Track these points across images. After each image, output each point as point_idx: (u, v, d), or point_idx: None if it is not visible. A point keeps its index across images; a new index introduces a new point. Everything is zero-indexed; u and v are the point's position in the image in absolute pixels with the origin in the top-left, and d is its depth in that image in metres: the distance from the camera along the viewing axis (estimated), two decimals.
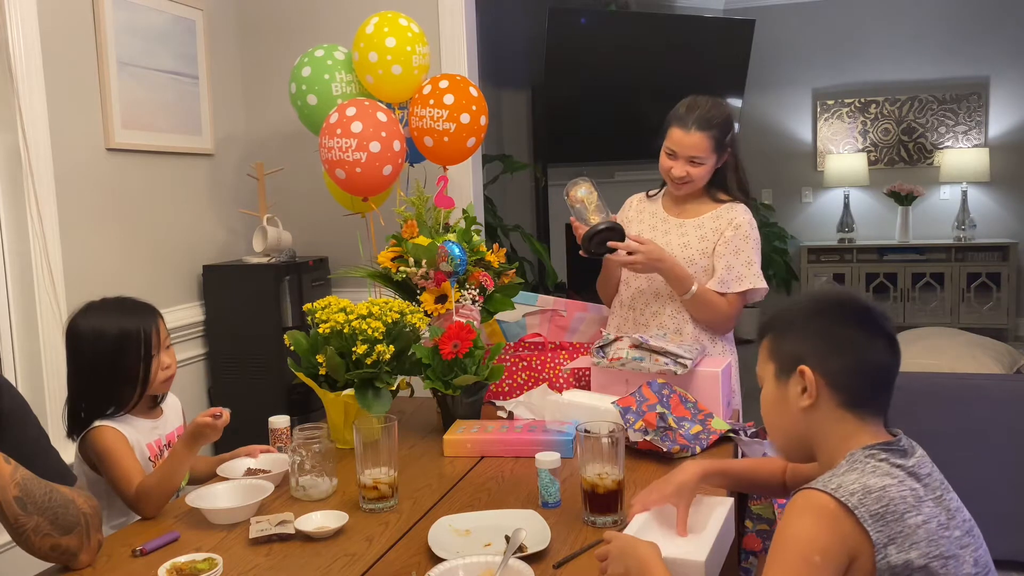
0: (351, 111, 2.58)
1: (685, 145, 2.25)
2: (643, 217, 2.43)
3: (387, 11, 2.81)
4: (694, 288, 2.25)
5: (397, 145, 2.62)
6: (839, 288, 1.59)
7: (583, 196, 2.25)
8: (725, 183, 2.37)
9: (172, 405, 2.02)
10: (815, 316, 1.30)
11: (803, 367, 1.26)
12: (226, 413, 1.76)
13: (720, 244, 2.31)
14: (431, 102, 2.70)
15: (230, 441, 2.10)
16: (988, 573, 1.20)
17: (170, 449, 1.93)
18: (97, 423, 1.80)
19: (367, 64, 2.74)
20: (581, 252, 2.27)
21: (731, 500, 1.55)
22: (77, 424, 1.83)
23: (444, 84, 2.71)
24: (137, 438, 1.85)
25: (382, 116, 2.60)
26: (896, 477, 1.17)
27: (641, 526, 1.44)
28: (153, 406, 1.94)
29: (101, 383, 1.82)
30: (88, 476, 1.83)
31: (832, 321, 1.28)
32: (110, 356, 1.80)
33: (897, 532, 1.12)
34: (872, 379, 1.28)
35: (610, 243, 2.19)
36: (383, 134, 2.58)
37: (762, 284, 2.31)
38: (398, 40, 2.72)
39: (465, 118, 2.69)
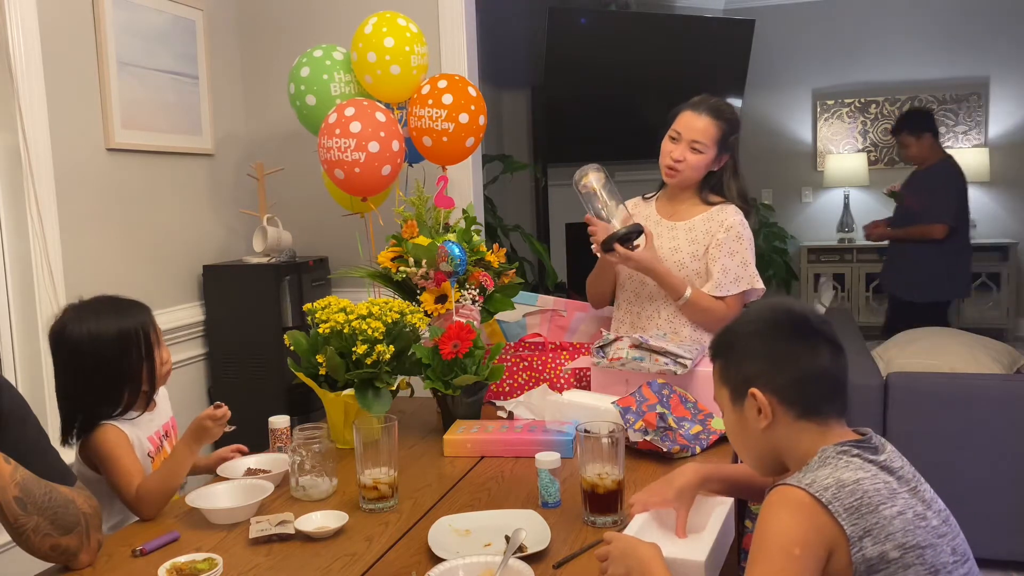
0: (350, 111, 2.58)
1: (692, 127, 2.27)
2: (637, 220, 2.42)
3: (386, 11, 2.80)
4: (687, 294, 2.25)
5: (396, 145, 2.62)
6: (775, 301, 1.58)
7: (593, 184, 2.24)
8: (721, 187, 2.37)
9: (162, 395, 2.01)
10: (753, 337, 1.32)
11: (753, 390, 1.28)
12: (225, 407, 1.76)
13: (713, 247, 2.30)
14: (429, 102, 2.70)
15: (230, 440, 2.10)
16: (967, 562, 1.21)
17: (169, 441, 1.94)
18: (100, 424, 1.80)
19: (366, 64, 2.74)
20: (595, 250, 2.25)
21: (731, 500, 1.55)
22: (74, 429, 1.81)
23: (443, 84, 2.71)
24: (138, 434, 1.85)
25: (381, 116, 2.60)
26: (868, 471, 1.18)
27: (641, 526, 1.44)
28: (149, 400, 1.94)
29: (104, 386, 1.79)
30: (87, 477, 1.82)
31: (770, 338, 1.30)
32: (113, 358, 1.78)
33: (872, 524, 1.13)
34: (821, 386, 1.28)
35: (615, 246, 2.19)
36: (382, 134, 2.57)
37: (759, 284, 2.31)
38: (396, 40, 2.72)
39: (464, 118, 2.69)
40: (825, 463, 1.20)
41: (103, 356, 1.77)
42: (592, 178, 2.25)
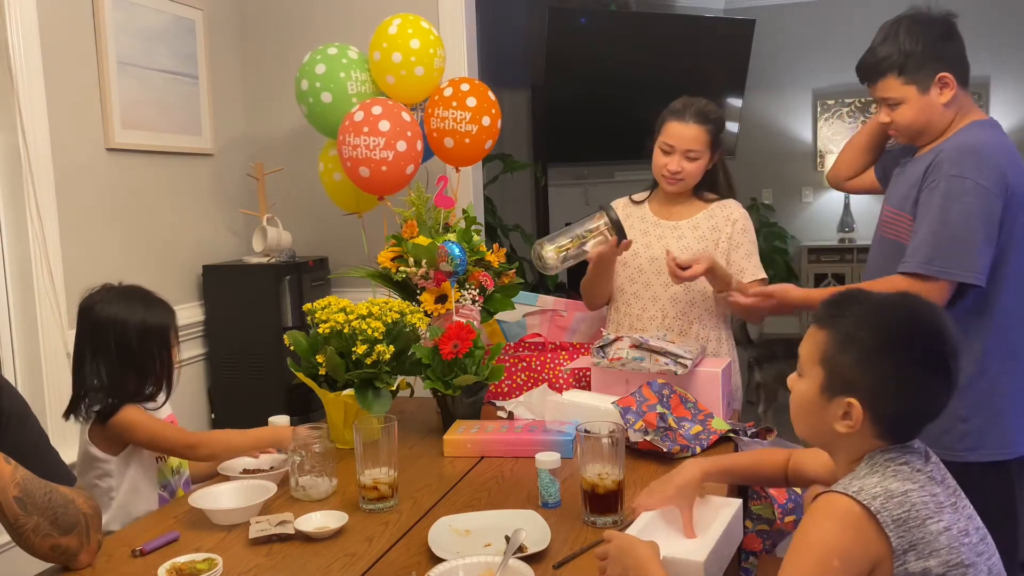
0: (377, 110, 2.61)
1: (683, 138, 2.26)
2: (632, 222, 2.42)
3: (406, 13, 2.84)
4: (735, 285, 2.23)
5: (419, 145, 2.67)
6: (917, 309, 1.39)
7: (554, 250, 2.22)
8: (715, 184, 2.38)
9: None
10: (882, 353, 1.18)
11: (852, 400, 1.18)
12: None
13: (722, 241, 2.31)
14: (454, 104, 2.72)
15: None
16: None
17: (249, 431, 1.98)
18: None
19: (389, 64, 2.75)
20: (589, 258, 2.25)
21: (738, 502, 1.54)
22: (81, 406, 1.83)
23: (465, 87, 2.75)
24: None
25: (406, 116, 2.65)
26: (917, 482, 1.15)
27: (645, 525, 1.44)
28: (167, 397, 1.98)
29: (121, 372, 1.83)
30: (97, 458, 1.83)
31: (898, 363, 1.18)
32: (132, 348, 1.83)
33: (918, 539, 1.10)
34: (920, 422, 1.21)
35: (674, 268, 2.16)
36: (408, 133, 2.62)
37: (761, 274, 2.32)
38: (422, 42, 2.76)
39: (486, 120, 2.75)
40: (873, 470, 1.17)
41: (123, 342, 1.82)
42: (549, 249, 2.22)
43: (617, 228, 2.18)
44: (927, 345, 1.19)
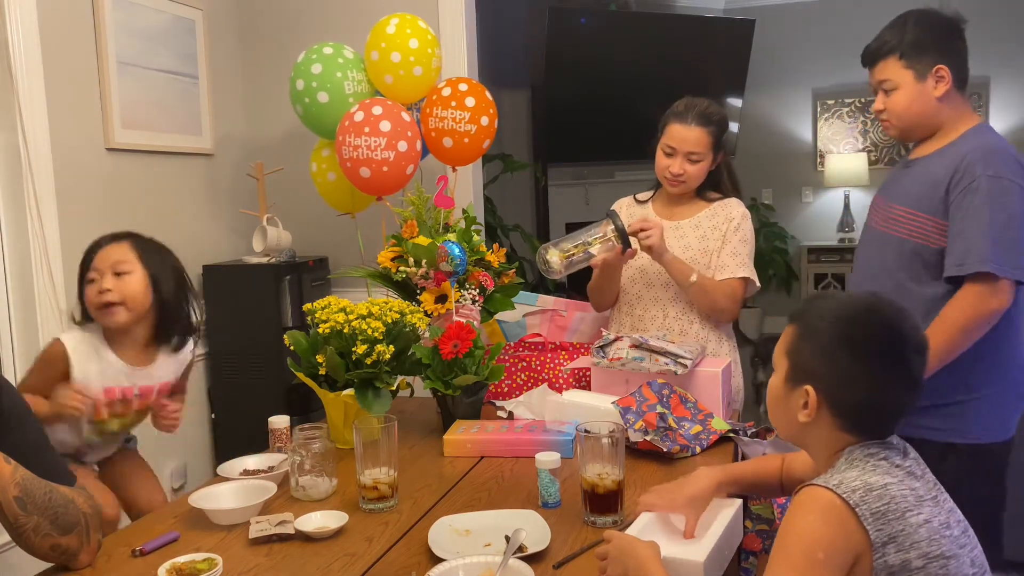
0: (377, 110, 2.61)
1: (685, 140, 2.26)
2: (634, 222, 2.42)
3: (405, 12, 2.85)
4: (694, 277, 2.24)
5: (419, 145, 2.67)
6: (879, 306, 1.40)
7: (556, 259, 2.22)
8: (719, 184, 2.38)
9: (170, 359, 2.08)
10: (840, 342, 1.21)
11: (809, 387, 1.22)
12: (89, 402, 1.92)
13: (719, 240, 2.31)
14: (453, 104, 2.72)
15: (231, 440, 2.11)
16: (984, 574, 1.20)
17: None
18: (67, 332, 2.00)
19: (388, 64, 2.75)
20: (594, 263, 2.25)
21: (738, 502, 1.54)
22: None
23: (463, 87, 2.75)
24: (99, 370, 1.96)
25: (406, 116, 2.65)
26: (896, 476, 1.17)
27: (645, 525, 1.44)
28: (147, 346, 2.05)
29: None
30: None
31: (854, 355, 1.21)
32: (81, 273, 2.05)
33: (898, 531, 1.11)
34: (879, 415, 1.23)
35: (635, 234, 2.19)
36: (408, 134, 2.63)
37: (741, 273, 2.29)
38: (421, 42, 2.76)
39: (484, 120, 2.75)
40: (852, 465, 1.18)
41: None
42: (554, 253, 2.22)
43: (623, 236, 2.18)
44: (883, 339, 1.21)
